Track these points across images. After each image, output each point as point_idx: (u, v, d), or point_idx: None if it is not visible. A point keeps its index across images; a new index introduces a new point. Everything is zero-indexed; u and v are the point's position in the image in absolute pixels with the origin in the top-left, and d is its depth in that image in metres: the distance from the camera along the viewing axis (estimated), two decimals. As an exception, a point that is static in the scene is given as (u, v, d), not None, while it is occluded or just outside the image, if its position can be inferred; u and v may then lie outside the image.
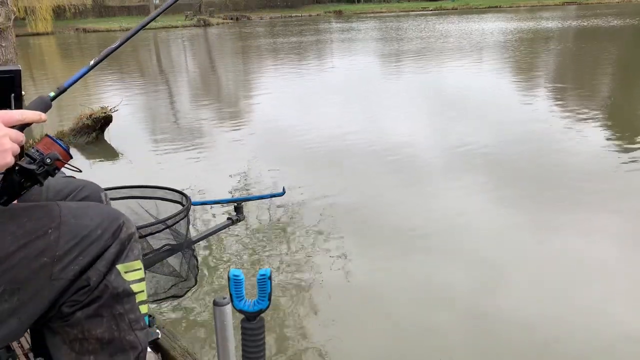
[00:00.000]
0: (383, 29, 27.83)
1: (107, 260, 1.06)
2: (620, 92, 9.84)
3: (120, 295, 1.08)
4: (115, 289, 1.07)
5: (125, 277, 1.09)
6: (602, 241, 3.74)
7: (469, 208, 4.33)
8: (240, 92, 11.94)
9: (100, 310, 1.06)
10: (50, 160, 1.03)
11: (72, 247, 1.03)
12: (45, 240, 1.01)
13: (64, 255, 1.02)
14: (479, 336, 2.78)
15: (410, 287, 3.28)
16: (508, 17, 33.23)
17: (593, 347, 2.67)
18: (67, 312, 1.05)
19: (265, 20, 43.68)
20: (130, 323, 1.10)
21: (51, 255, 1.00)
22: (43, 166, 1.02)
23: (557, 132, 6.56)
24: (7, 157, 0.96)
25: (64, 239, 1.02)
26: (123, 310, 1.09)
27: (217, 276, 3.43)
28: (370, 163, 5.69)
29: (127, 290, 1.10)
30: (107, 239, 1.07)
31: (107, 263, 1.06)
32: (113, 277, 1.07)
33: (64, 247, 1.02)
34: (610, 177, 4.97)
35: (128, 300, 1.10)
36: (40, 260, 1.00)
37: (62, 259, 1.01)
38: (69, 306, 1.04)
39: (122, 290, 1.08)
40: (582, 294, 3.14)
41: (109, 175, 5.57)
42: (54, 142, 1.06)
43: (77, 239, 1.03)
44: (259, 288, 1.21)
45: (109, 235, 1.07)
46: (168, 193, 1.75)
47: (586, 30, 21.81)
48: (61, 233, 1.02)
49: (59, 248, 1.01)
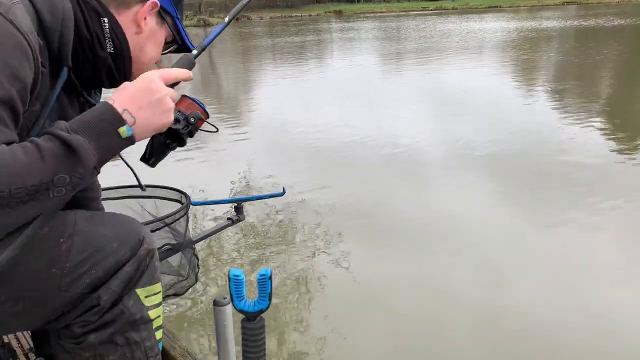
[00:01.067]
0: (383, 28, 27.82)
1: (122, 279, 0.98)
2: (623, 91, 9.84)
3: (137, 322, 1.01)
4: (133, 315, 1.00)
5: (144, 303, 1.02)
6: (605, 236, 3.79)
7: (472, 206, 4.33)
8: (240, 92, 11.94)
9: (114, 337, 0.99)
10: (194, 119, 1.04)
11: (85, 259, 0.96)
12: (56, 251, 0.94)
13: (75, 267, 0.95)
14: (486, 331, 2.78)
15: (411, 287, 3.27)
16: (509, 17, 33.23)
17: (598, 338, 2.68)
18: (79, 332, 0.99)
19: (266, 20, 43.69)
20: (145, 351, 1.04)
21: (61, 266, 0.94)
22: (187, 125, 1.03)
23: (567, 130, 6.56)
24: (170, 116, 0.95)
25: (76, 249, 0.96)
26: (139, 338, 1.02)
27: (217, 276, 3.43)
28: (370, 163, 5.68)
29: (145, 317, 1.02)
30: (123, 254, 0.99)
31: (121, 283, 0.98)
32: (132, 302, 1.00)
33: (76, 259, 0.95)
34: (614, 172, 5.00)
35: (145, 328, 1.03)
36: (48, 271, 0.94)
37: (73, 271, 0.95)
38: (81, 326, 0.99)
39: (140, 317, 1.01)
40: (585, 286, 3.18)
41: (109, 175, 5.55)
42: (193, 102, 1.06)
43: (90, 250, 0.96)
44: (259, 288, 1.21)
45: (127, 250, 0.99)
46: (167, 192, 1.74)
47: (587, 30, 21.79)
48: (74, 243, 0.96)
49: (70, 260, 0.95)
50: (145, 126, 0.92)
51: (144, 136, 0.94)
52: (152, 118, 0.92)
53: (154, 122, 0.93)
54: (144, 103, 0.91)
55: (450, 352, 2.66)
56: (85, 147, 0.83)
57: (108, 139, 0.86)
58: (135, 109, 0.90)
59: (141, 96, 0.91)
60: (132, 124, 0.89)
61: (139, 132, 0.91)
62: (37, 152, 0.79)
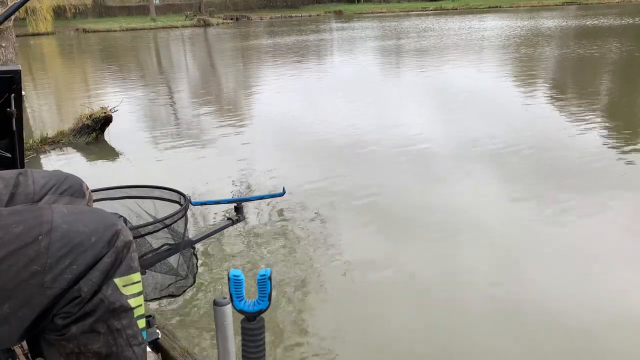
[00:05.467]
0: (383, 28, 27.82)
1: (101, 270, 1.01)
2: (625, 89, 9.84)
3: (118, 311, 1.04)
4: (112, 303, 1.03)
5: (123, 291, 1.05)
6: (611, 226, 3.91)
7: (485, 197, 4.33)
8: (240, 92, 11.93)
9: (95, 325, 1.02)
10: None
11: (64, 255, 0.98)
12: (35, 248, 0.96)
13: (55, 263, 0.97)
14: (507, 320, 2.78)
15: (412, 286, 3.27)
16: (509, 16, 33.21)
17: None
18: (61, 324, 1.01)
19: (266, 20, 43.67)
20: (128, 339, 1.07)
21: (42, 263, 0.96)
22: None
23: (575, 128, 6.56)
24: None
25: (55, 246, 0.97)
26: (120, 325, 1.05)
27: (217, 276, 3.43)
28: (370, 162, 5.68)
29: (125, 305, 1.05)
30: (101, 247, 1.01)
31: (100, 274, 1.01)
32: (110, 291, 1.02)
33: (55, 255, 0.97)
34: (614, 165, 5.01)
35: (126, 316, 1.06)
36: (30, 268, 0.95)
37: (54, 267, 0.97)
38: (62, 318, 1.00)
39: (120, 305, 1.04)
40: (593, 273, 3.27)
41: (109, 175, 5.57)
42: None
43: (69, 246, 0.98)
44: (259, 288, 1.20)
45: (104, 244, 1.02)
46: (166, 193, 1.74)
47: (588, 29, 21.79)
48: (52, 240, 0.97)
49: (50, 256, 0.97)
50: None
51: None
52: None
53: None
54: None
55: (449, 355, 2.66)
56: None
57: None
58: None
59: None
60: None
61: None
62: None
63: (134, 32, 34.94)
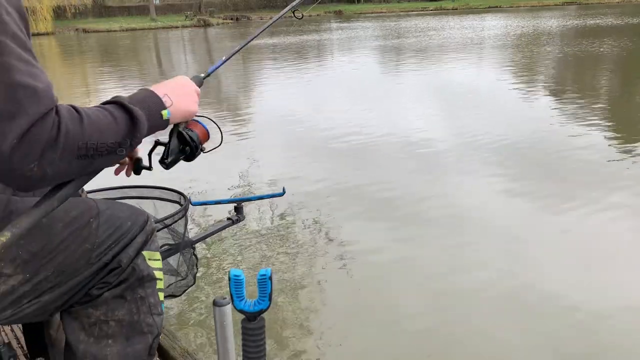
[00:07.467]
0: (383, 28, 27.81)
1: (135, 247, 1.16)
2: (626, 88, 9.85)
3: (145, 279, 1.18)
4: (142, 271, 1.17)
5: (149, 264, 1.19)
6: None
7: (493, 195, 4.33)
8: (240, 92, 11.94)
9: (125, 292, 1.15)
10: (196, 137, 1.19)
11: (109, 236, 1.13)
12: (88, 229, 1.11)
13: (102, 242, 1.12)
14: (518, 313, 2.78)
15: (412, 287, 3.27)
16: (509, 16, 33.21)
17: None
18: (96, 294, 1.13)
19: (265, 20, 43.61)
20: (149, 306, 1.20)
21: (92, 242, 1.11)
22: (194, 142, 1.19)
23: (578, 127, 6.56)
24: (196, 106, 1.18)
25: (102, 227, 1.12)
26: (144, 293, 1.18)
27: (217, 276, 3.42)
28: (370, 162, 5.68)
29: (151, 274, 1.19)
30: (136, 230, 1.18)
31: (134, 250, 1.16)
32: (140, 261, 1.17)
33: (102, 235, 1.12)
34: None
35: (150, 285, 1.20)
36: (83, 246, 1.10)
37: (100, 246, 1.12)
38: (99, 288, 1.13)
39: (147, 274, 1.18)
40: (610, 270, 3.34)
41: (109, 175, 5.54)
42: (197, 122, 1.21)
43: (112, 228, 1.14)
44: (259, 288, 1.20)
45: (138, 227, 1.18)
46: (166, 193, 1.74)
47: (589, 29, 21.78)
48: (100, 222, 1.13)
49: (98, 236, 1.11)
50: (178, 110, 1.13)
51: (176, 118, 1.14)
52: (184, 104, 1.14)
53: (185, 108, 1.15)
54: (180, 93, 1.14)
55: (450, 355, 2.66)
56: (143, 119, 1.00)
57: (154, 117, 1.05)
58: (174, 96, 1.11)
59: (178, 88, 1.15)
60: (170, 105, 1.09)
61: (174, 114, 1.11)
62: (112, 117, 0.97)
63: (134, 32, 34.95)
